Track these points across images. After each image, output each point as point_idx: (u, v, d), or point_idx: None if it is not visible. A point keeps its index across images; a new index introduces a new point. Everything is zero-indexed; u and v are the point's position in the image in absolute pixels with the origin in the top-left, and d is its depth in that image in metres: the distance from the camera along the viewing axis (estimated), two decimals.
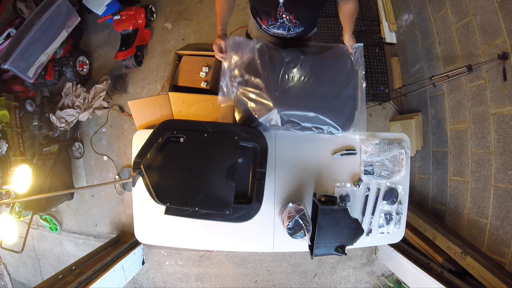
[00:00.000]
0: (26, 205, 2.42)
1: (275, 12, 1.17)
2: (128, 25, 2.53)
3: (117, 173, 2.74)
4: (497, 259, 1.66)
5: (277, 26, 1.26)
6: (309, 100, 1.29)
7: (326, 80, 1.31)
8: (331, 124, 1.29)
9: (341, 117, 1.31)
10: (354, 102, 1.33)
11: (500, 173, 1.67)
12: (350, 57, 1.36)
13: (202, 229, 1.51)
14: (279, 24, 1.24)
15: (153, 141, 1.23)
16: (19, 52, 2.02)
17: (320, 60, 1.34)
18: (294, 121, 1.29)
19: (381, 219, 1.54)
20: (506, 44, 1.61)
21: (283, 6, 1.12)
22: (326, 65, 1.34)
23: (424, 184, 2.38)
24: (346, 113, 1.32)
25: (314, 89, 1.29)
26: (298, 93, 1.29)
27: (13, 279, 3.17)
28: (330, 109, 1.29)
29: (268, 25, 1.28)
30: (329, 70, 1.34)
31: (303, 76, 1.30)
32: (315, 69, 1.31)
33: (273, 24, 1.26)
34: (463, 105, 1.96)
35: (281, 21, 1.22)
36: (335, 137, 1.48)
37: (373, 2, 2.73)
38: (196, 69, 1.87)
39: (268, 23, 1.26)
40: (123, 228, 2.73)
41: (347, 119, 1.32)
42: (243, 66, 1.34)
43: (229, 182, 1.18)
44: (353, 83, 1.33)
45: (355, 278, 2.60)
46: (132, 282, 2.66)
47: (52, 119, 2.50)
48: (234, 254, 2.60)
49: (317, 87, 1.30)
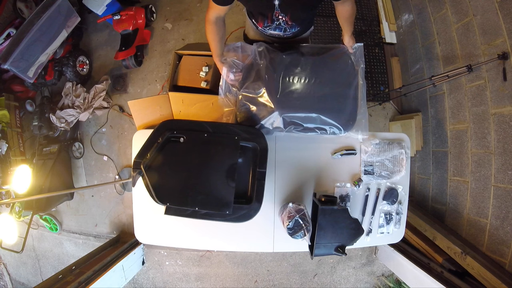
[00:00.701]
0: (26, 205, 2.42)
1: (271, 14, 1.17)
2: (128, 25, 2.53)
3: (117, 173, 2.74)
4: (497, 259, 1.66)
5: (273, 27, 1.26)
6: (310, 101, 1.29)
7: (327, 81, 1.32)
8: (333, 124, 1.29)
9: (343, 117, 1.31)
10: (356, 101, 1.33)
11: (500, 173, 1.67)
12: (351, 57, 1.36)
13: (202, 229, 1.51)
14: (275, 25, 1.24)
15: (153, 141, 1.23)
16: (19, 52, 2.02)
17: (321, 61, 1.34)
18: (296, 123, 1.29)
19: (381, 219, 1.54)
20: (506, 44, 1.61)
21: (279, 8, 1.12)
22: (326, 65, 1.35)
23: (424, 184, 2.38)
24: (347, 113, 1.32)
25: (315, 90, 1.30)
26: (300, 95, 1.29)
27: (13, 279, 3.17)
28: (332, 109, 1.30)
29: (264, 27, 1.28)
30: (329, 71, 1.34)
31: (304, 77, 1.30)
32: (316, 70, 1.31)
33: (269, 26, 1.26)
34: (463, 105, 1.96)
35: (277, 23, 1.22)
36: (336, 137, 1.48)
37: (373, 2, 2.73)
38: (196, 69, 1.87)
39: (264, 25, 1.26)
40: (123, 228, 2.73)
41: (349, 119, 1.32)
42: (244, 69, 1.35)
43: (229, 182, 1.18)
44: (354, 83, 1.33)
45: (355, 278, 2.60)
46: (132, 282, 2.66)
47: (52, 119, 2.50)
48: (234, 254, 2.60)
49: (318, 88, 1.30)
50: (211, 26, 1.24)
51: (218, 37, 1.28)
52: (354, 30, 1.38)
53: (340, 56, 1.36)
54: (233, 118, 1.40)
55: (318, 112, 1.27)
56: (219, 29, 1.26)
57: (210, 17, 1.23)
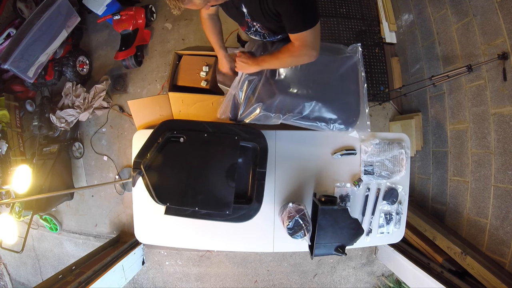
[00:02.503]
0: (26, 205, 2.42)
1: (245, 21, 1.17)
2: (128, 25, 2.52)
3: (117, 173, 2.74)
4: (497, 259, 1.66)
5: (253, 33, 1.27)
6: (312, 88, 1.28)
7: (330, 71, 1.31)
8: (333, 119, 1.28)
9: (345, 110, 1.30)
10: (358, 98, 1.32)
11: (500, 173, 1.67)
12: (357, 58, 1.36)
13: (202, 229, 1.51)
14: (253, 31, 1.24)
15: (153, 141, 1.23)
16: (19, 52, 2.02)
17: (323, 57, 1.33)
18: (295, 111, 1.27)
19: (381, 219, 1.54)
20: (506, 44, 1.61)
21: (248, 16, 1.11)
22: (329, 58, 1.34)
23: (424, 184, 2.38)
24: (350, 108, 1.32)
25: (318, 78, 1.29)
26: (300, 81, 1.29)
27: (13, 279, 3.17)
28: (334, 100, 1.29)
29: (246, 31, 1.29)
30: (332, 63, 1.33)
31: (304, 68, 1.29)
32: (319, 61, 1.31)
33: (248, 31, 1.27)
34: (463, 105, 1.96)
35: (254, 29, 1.22)
36: (336, 137, 1.49)
37: (373, 2, 2.73)
38: (196, 69, 1.87)
39: (246, 30, 1.27)
40: (123, 228, 2.73)
41: (351, 115, 1.31)
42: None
43: (229, 182, 1.18)
44: (357, 78, 1.33)
45: (355, 278, 2.60)
46: (132, 282, 2.66)
47: (52, 119, 2.50)
48: (234, 254, 2.60)
49: (319, 76, 1.29)
50: (206, 22, 1.28)
51: (217, 30, 1.30)
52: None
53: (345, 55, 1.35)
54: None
55: (319, 100, 1.26)
56: (215, 23, 1.29)
57: (203, 15, 1.27)
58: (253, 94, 1.28)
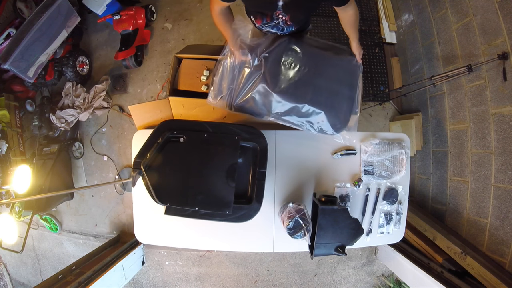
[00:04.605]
0: (26, 205, 2.42)
1: (271, 13, 1.17)
2: (128, 25, 2.53)
3: (117, 173, 2.74)
4: (497, 259, 1.66)
5: (271, 25, 1.26)
6: (303, 89, 1.28)
7: (325, 74, 1.31)
8: (321, 122, 1.29)
9: (335, 116, 1.30)
10: (351, 103, 1.32)
11: (500, 173, 1.67)
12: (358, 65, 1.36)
13: (202, 229, 1.51)
14: (274, 24, 1.24)
15: (153, 141, 1.23)
16: (19, 52, 2.02)
17: (323, 55, 1.33)
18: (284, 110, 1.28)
19: (381, 219, 1.54)
20: (506, 44, 1.61)
21: (281, 8, 1.11)
22: (327, 60, 1.34)
23: (424, 184, 2.38)
24: (340, 113, 1.31)
25: (310, 80, 1.29)
26: (297, 82, 1.28)
27: (13, 279, 3.17)
28: (326, 106, 1.29)
29: (262, 24, 1.28)
30: (330, 66, 1.33)
31: (302, 65, 1.29)
32: (315, 62, 1.31)
33: (268, 24, 1.25)
34: (463, 105, 1.96)
35: (276, 22, 1.22)
36: (335, 137, 1.49)
37: (373, 2, 2.73)
38: (196, 73, 1.86)
39: (263, 22, 1.26)
40: (123, 228, 2.73)
41: (340, 121, 1.31)
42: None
43: (229, 182, 1.18)
44: (354, 84, 1.32)
45: (355, 278, 2.60)
46: (132, 282, 2.66)
47: (52, 119, 2.50)
48: (234, 254, 2.60)
49: (314, 78, 1.29)
50: (218, 17, 1.25)
51: (229, 24, 1.30)
52: None
53: (347, 61, 1.35)
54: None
55: (312, 104, 1.26)
56: (228, 17, 1.29)
57: (215, 9, 1.23)
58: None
